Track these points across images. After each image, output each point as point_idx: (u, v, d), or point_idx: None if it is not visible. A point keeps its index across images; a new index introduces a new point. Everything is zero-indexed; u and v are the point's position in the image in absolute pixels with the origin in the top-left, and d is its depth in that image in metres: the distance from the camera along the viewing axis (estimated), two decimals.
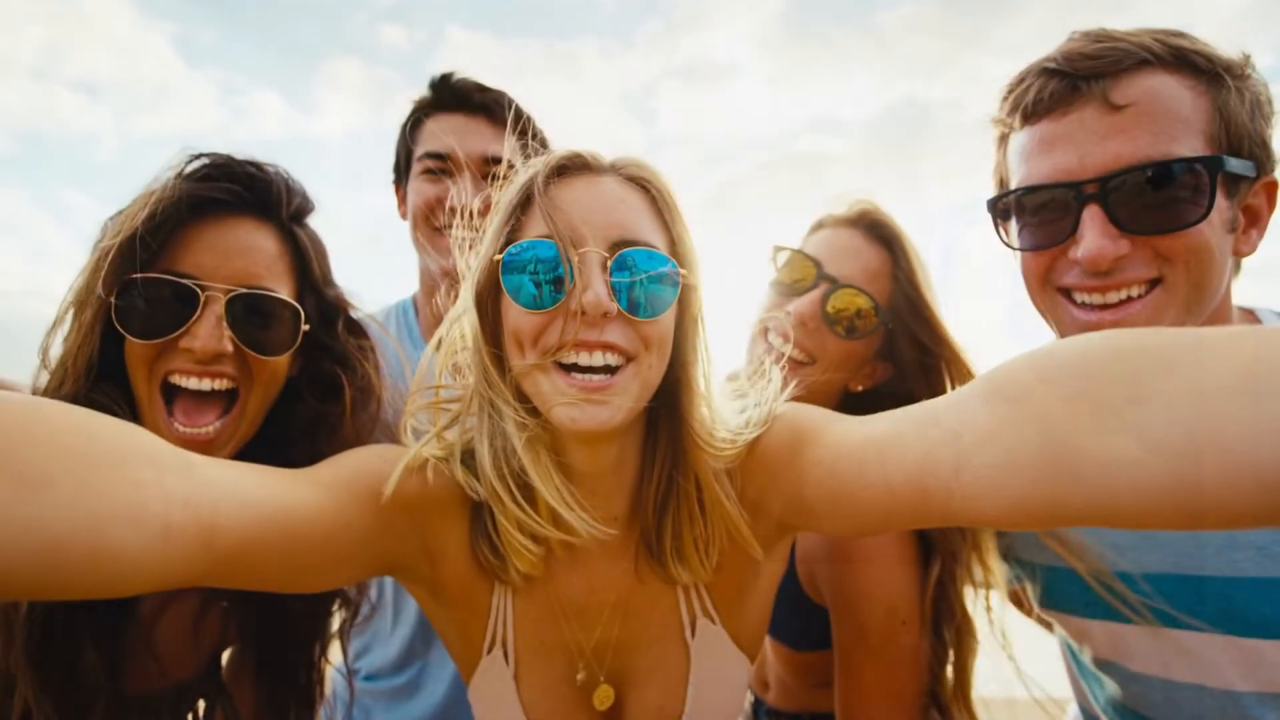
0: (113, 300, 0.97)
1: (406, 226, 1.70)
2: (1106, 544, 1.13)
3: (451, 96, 1.64)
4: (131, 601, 1.07)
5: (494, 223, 0.94)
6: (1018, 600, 1.61)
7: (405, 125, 1.71)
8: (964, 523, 0.79)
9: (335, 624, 1.28)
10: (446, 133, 1.60)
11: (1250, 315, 1.11)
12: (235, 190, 1.04)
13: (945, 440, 0.73)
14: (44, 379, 1.03)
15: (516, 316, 0.89)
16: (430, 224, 1.61)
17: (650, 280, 0.88)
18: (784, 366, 1.28)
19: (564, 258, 0.85)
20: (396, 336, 1.71)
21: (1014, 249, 1.09)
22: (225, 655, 1.28)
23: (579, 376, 0.86)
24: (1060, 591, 1.22)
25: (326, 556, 0.86)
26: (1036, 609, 1.31)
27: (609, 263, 0.87)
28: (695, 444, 0.95)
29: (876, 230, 1.32)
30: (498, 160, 1.55)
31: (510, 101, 1.63)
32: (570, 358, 0.86)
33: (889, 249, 1.31)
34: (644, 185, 0.94)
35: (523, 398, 0.92)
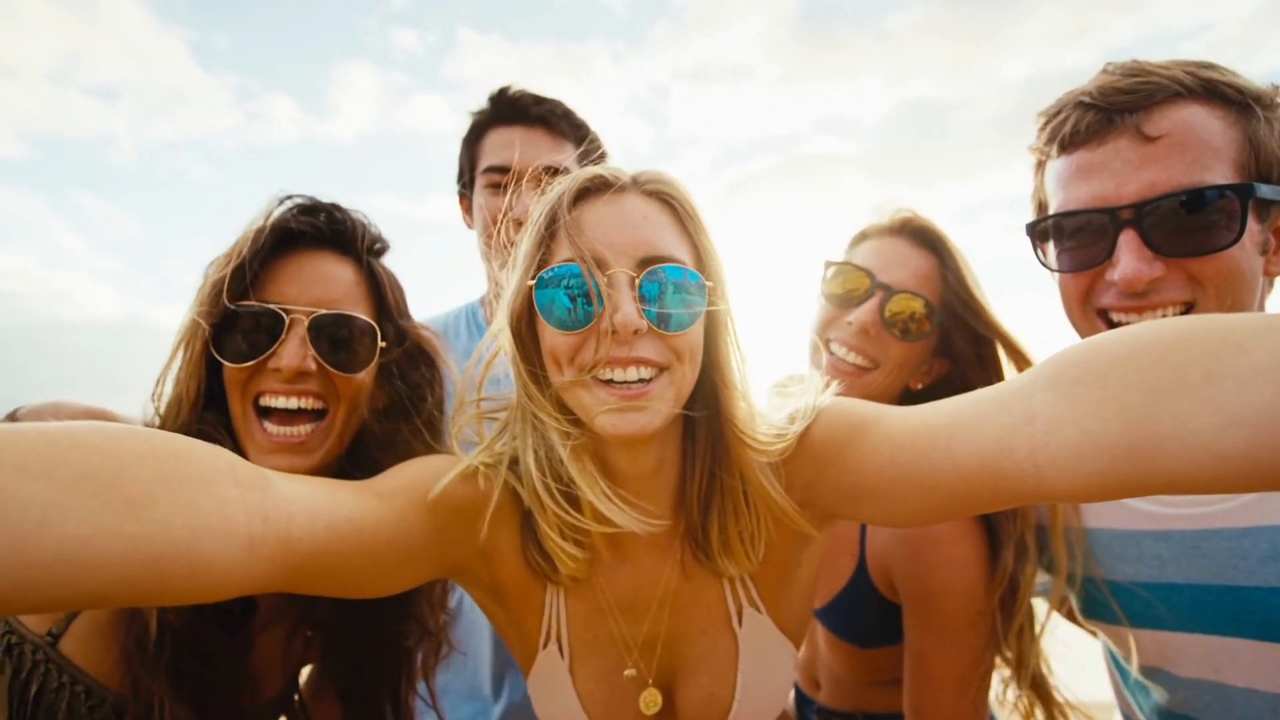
0: (211, 330, 1.07)
1: (474, 234, 1.79)
2: (1150, 557, 1.16)
3: (510, 109, 1.73)
4: (244, 626, 1.16)
5: (524, 247, 0.98)
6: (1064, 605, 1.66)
7: (466, 138, 1.80)
8: (1040, 500, 0.84)
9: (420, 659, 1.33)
10: (507, 145, 1.69)
11: None
12: (317, 225, 1.14)
13: (1018, 425, 0.77)
14: (148, 411, 1.14)
15: (552, 337, 0.94)
16: (497, 234, 1.71)
17: (677, 295, 0.91)
18: (849, 373, 1.35)
19: (590, 281, 0.89)
20: (467, 336, 1.81)
21: (1053, 270, 1.14)
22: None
23: (616, 387, 0.91)
24: (1099, 602, 1.24)
25: (390, 560, 0.93)
26: (1080, 619, 1.34)
27: (637, 281, 0.90)
28: (738, 440, 0.98)
29: (921, 235, 1.39)
30: (558, 170, 1.67)
31: (565, 111, 1.72)
32: (605, 374, 0.91)
33: (935, 252, 1.38)
34: (666, 199, 0.97)
35: (564, 408, 0.97)
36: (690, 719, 1.09)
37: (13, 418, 1.10)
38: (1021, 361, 1.35)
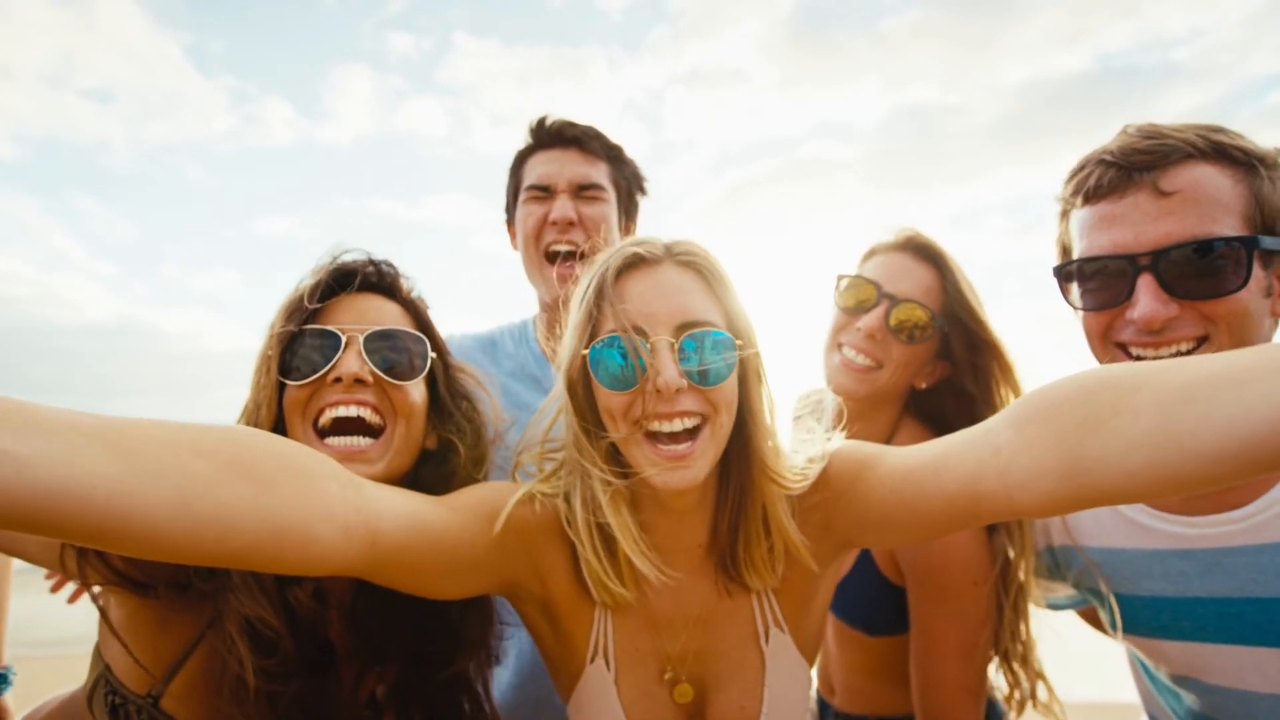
0: (278, 356, 1.18)
1: (519, 257, 1.94)
2: (1175, 574, 1.24)
3: (547, 135, 1.91)
4: (330, 667, 1.23)
5: (575, 318, 1.11)
6: (1090, 616, 1.71)
7: (511, 168, 1.97)
8: (1010, 517, 0.98)
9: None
10: (544, 165, 1.87)
11: None
12: (367, 273, 1.27)
13: (987, 457, 0.92)
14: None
15: (606, 397, 1.07)
16: (538, 246, 1.85)
17: (712, 354, 1.04)
18: (859, 371, 1.50)
19: (633, 351, 1.03)
20: (519, 353, 1.94)
21: (1077, 309, 1.25)
22: None
23: (665, 448, 1.04)
24: (1131, 618, 1.32)
25: (456, 565, 1.05)
26: (1113, 635, 1.41)
27: (676, 345, 1.03)
28: (766, 477, 1.12)
29: (923, 251, 1.55)
30: (590, 185, 1.84)
31: (597, 133, 1.90)
32: (654, 426, 1.04)
33: (936, 266, 1.53)
34: (697, 268, 1.10)
35: (611, 460, 1.10)
36: None
37: None
38: (1006, 370, 1.49)
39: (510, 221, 1.98)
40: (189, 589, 1.15)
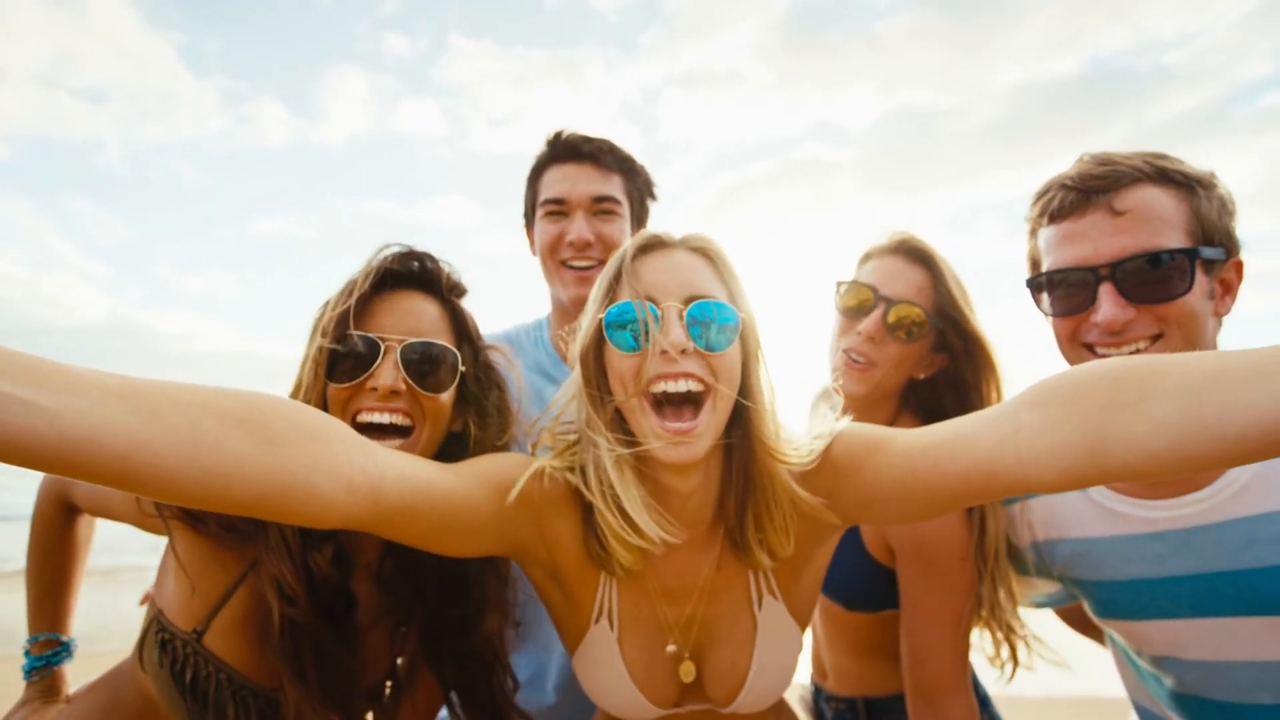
0: (323, 356, 1.26)
1: (538, 260, 2.04)
2: (1151, 556, 1.34)
3: (563, 149, 1.98)
4: (349, 619, 1.34)
5: (596, 293, 1.21)
6: (1068, 615, 1.86)
7: (529, 177, 2.06)
8: (1023, 491, 1.02)
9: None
10: (561, 180, 1.94)
11: None
12: (410, 270, 1.35)
13: (1006, 437, 0.97)
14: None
15: (619, 360, 1.14)
16: (554, 257, 1.94)
17: (716, 324, 1.12)
18: (860, 369, 1.62)
19: (645, 316, 1.11)
20: (534, 350, 2.04)
21: (1048, 315, 1.40)
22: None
23: (670, 424, 1.10)
24: (1113, 602, 1.43)
25: (459, 527, 1.12)
26: (1096, 620, 1.52)
27: (684, 313, 1.11)
28: (769, 455, 1.18)
29: (915, 254, 1.65)
30: (604, 198, 1.93)
31: (611, 147, 1.97)
32: (660, 386, 1.11)
33: (927, 267, 1.63)
34: (706, 254, 1.20)
35: (618, 428, 1.17)
36: (715, 683, 1.28)
37: None
38: (988, 363, 1.61)
39: (529, 226, 2.07)
40: (234, 529, 1.25)
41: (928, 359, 1.68)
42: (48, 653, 1.59)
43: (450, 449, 1.38)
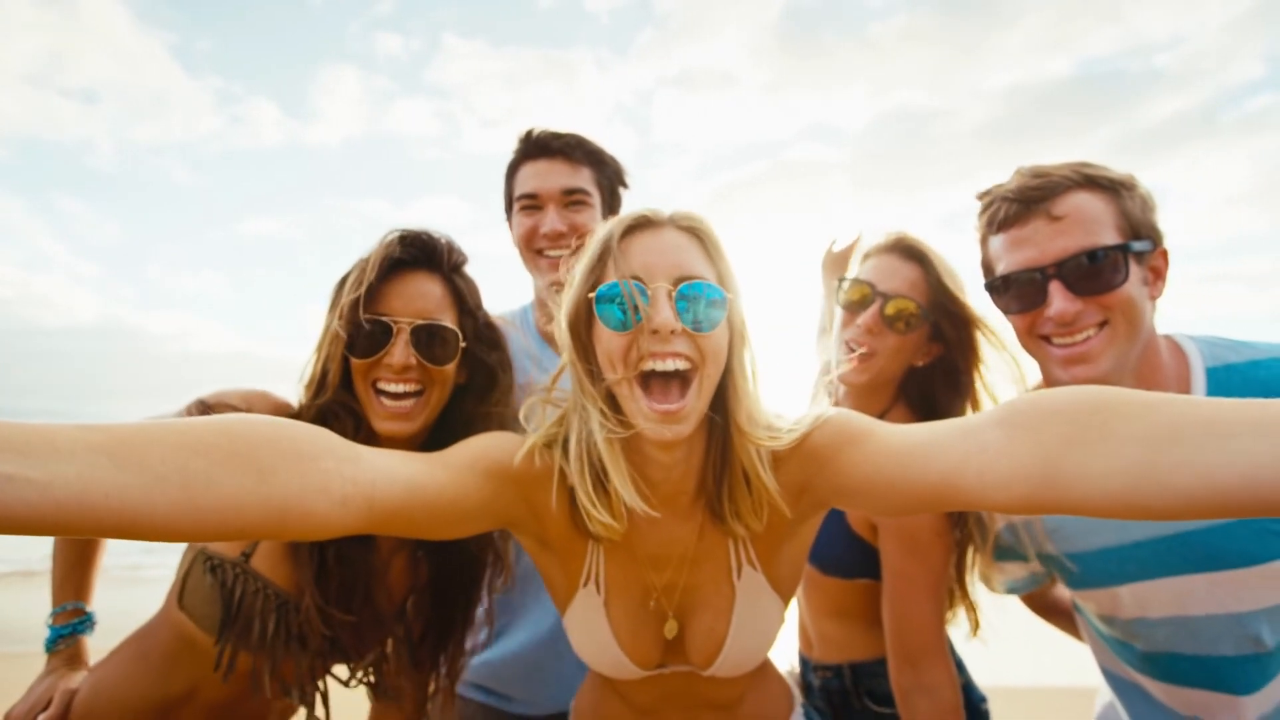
0: (344, 335, 1.44)
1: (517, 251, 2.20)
2: (1114, 525, 1.45)
3: (534, 147, 2.13)
4: (371, 541, 1.52)
5: (580, 268, 1.21)
6: (1033, 602, 2.01)
7: (506, 174, 2.22)
8: (982, 509, 1.06)
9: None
10: (533, 176, 2.11)
11: (1170, 340, 1.53)
12: (413, 251, 1.51)
13: (973, 452, 0.96)
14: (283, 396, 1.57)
15: (608, 339, 1.15)
16: (530, 248, 2.12)
17: (704, 304, 1.13)
18: (860, 360, 1.74)
19: (631, 295, 1.13)
20: (522, 333, 2.16)
21: (1006, 313, 1.55)
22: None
23: (658, 405, 1.12)
24: (1086, 571, 1.52)
25: (451, 516, 1.15)
26: (1071, 592, 1.63)
27: (672, 293, 1.13)
28: (743, 436, 1.21)
29: (909, 251, 1.79)
30: (574, 190, 2.09)
31: (579, 141, 2.13)
32: (649, 365, 1.12)
33: (920, 263, 1.77)
34: (695, 233, 1.20)
35: (610, 404, 1.19)
36: (695, 647, 1.33)
37: (205, 406, 1.45)
38: (991, 337, 1.74)
39: (509, 219, 2.23)
40: None
41: (925, 348, 1.81)
42: (74, 621, 1.66)
43: (459, 402, 1.60)
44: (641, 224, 1.21)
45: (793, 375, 1.99)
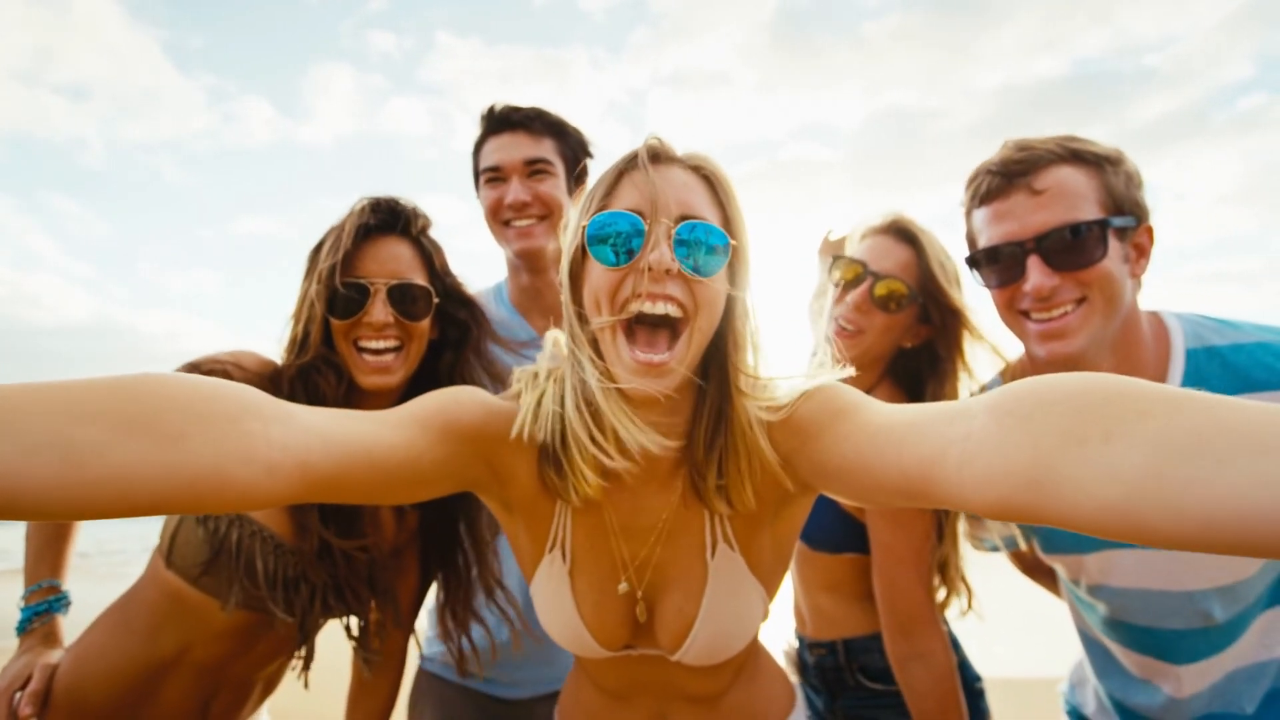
0: (323, 298, 1.50)
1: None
2: None
3: (495, 121, 2.19)
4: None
5: (581, 203, 1.13)
6: (1020, 561, 2.03)
7: (472, 152, 2.27)
8: (956, 508, 0.92)
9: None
10: (496, 150, 2.16)
11: (1155, 316, 1.52)
12: (383, 218, 1.58)
13: (955, 440, 0.81)
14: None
15: (598, 276, 1.06)
16: (497, 219, 2.19)
17: (705, 247, 1.04)
18: (848, 336, 1.76)
19: (634, 226, 1.04)
20: (496, 309, 2.24)
21: (986, 287, 1.54)
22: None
23: (643, 356, 1.03)
24: (1056, 535, 1.56)
25: (406, 478, 1.04)
26: (1041, 556, 1.70)
27: (672, 231, 1.03)
28: (739, 394, 1.11)
29: (903, 233, 1.80)
30: (536, 160, 2.14)
31: (539, 113, 2.18)
32: (637, 306, 1.03)
33: (913, 245, 1.78)
34: (704, 174, 1.11)
35: (595, 352, 1.10)
36: (663, 627, 1.23)
37: (194, 367, 1.48)
38: (973, 331, 1.75)
39: (478, 193, 2.28)
40: None
41: (914, 329, 1.82)
42: (50, 599, 1.64)
43: (436, 356, 1.69)
44: (652, 157, 1.10)
45: (790, 374, 2.04)
